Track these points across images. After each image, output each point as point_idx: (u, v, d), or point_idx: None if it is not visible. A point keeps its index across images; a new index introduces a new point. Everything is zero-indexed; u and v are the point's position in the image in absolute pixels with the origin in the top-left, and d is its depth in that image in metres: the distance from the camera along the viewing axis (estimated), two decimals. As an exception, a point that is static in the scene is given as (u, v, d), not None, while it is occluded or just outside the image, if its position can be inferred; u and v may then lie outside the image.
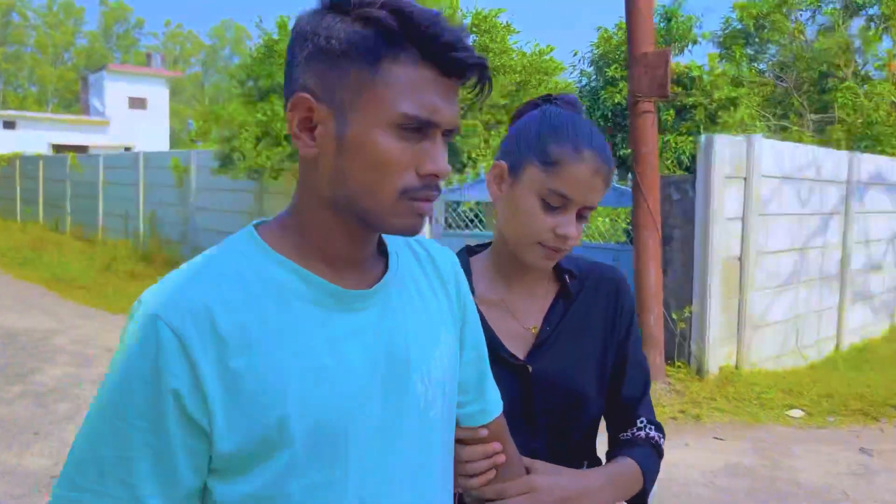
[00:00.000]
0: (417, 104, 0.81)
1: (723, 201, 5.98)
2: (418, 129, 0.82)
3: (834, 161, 7.53)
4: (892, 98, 12.90)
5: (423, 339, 0.94)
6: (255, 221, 0.91)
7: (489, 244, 1.34)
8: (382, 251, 0.97)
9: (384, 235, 0.97)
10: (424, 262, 1.01)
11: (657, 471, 1.32)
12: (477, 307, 1.10)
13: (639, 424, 1.31)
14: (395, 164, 0.82)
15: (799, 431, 5.05)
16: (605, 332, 1.31)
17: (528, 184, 1.19)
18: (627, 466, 1.25)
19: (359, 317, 0.87)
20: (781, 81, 13.94)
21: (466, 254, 1.34)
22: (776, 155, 6.56)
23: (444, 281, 1.02)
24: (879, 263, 8.52)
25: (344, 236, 0.88)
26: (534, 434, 1.24)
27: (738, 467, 4.33)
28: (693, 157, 8.83)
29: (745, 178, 6.21)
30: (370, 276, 0.92)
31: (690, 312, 6.06)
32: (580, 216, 1.20)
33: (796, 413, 5.41)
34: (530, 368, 1.24)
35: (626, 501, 1.27)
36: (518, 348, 1.26)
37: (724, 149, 5.96)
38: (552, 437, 1.26)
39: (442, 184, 0.88)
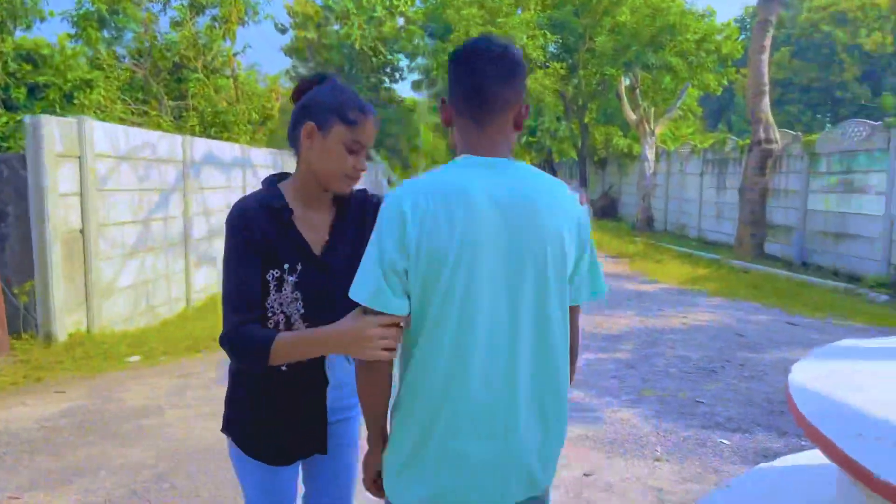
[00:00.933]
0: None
1: (57, 179, 6.40)
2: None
3: (169, 143, 8.64)
4: (232, 91, 15.11)
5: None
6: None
7: (286, 176, 1.97)
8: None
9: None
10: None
11: None
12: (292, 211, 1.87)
13: None
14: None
15: (134, 372, 5.93)
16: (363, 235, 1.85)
17: (335, 137, 1.83)
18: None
19: None
20: (139, 67, 14.76)
21: (277, 181, 1.96)
22: (110, 136, 7.25)
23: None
24: (219, 231, 10.13)
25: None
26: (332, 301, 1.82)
27: (73, 409, 4.93)
28: (7, 136, 9.15)
29: (79, 157, 6.73)
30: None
31: (33, 286, 6.34)
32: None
33: (134, 358, 6.30)
34: (326, 261, 1.89)
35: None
36: (317, 250, 1.90)
37: (54, 130, 6.36)
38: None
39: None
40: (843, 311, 8.59)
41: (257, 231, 1.81)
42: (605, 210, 24.81)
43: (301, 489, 2.08)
